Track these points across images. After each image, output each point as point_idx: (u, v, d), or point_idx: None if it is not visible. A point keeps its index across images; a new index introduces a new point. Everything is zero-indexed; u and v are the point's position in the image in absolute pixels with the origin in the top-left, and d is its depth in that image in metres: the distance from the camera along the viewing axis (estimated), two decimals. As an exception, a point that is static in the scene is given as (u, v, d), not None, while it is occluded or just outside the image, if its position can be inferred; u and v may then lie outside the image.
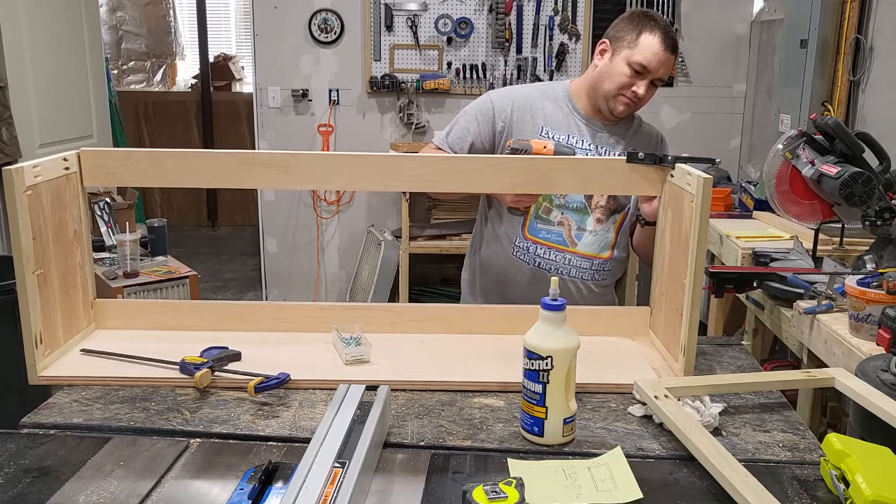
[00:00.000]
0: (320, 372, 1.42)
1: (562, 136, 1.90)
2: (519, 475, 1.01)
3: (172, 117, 6.94)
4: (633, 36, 1.83)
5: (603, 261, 1.93)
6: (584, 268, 1.91)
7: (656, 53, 1.81)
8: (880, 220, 2.07)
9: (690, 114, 4.35)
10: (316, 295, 4.63)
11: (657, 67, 1.82)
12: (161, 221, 3.46)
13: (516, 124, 1.90)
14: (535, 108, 1.91)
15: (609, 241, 1.93)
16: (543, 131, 1.90)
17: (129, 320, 1.62)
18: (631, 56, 1.82)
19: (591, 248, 1.91)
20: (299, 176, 1.53)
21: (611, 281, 1.98)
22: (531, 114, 1.91)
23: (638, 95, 1.84)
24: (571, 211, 1.90)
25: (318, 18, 4.29)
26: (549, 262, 1.90)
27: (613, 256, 1.94)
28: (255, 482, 1.02)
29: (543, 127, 1.90)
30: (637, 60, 1.81)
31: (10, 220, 1.33)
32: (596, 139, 1.91)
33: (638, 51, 1.82)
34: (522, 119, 1.90)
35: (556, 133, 1.90)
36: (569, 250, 1.90)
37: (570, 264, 1.91)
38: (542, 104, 1.93)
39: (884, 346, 1.53)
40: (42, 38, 3.90)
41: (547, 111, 1.92)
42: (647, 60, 1.81)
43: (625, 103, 1.86)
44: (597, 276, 1.93)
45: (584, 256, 1.91)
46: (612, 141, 1.92)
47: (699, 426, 1.17)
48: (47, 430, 1.22)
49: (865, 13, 3.01)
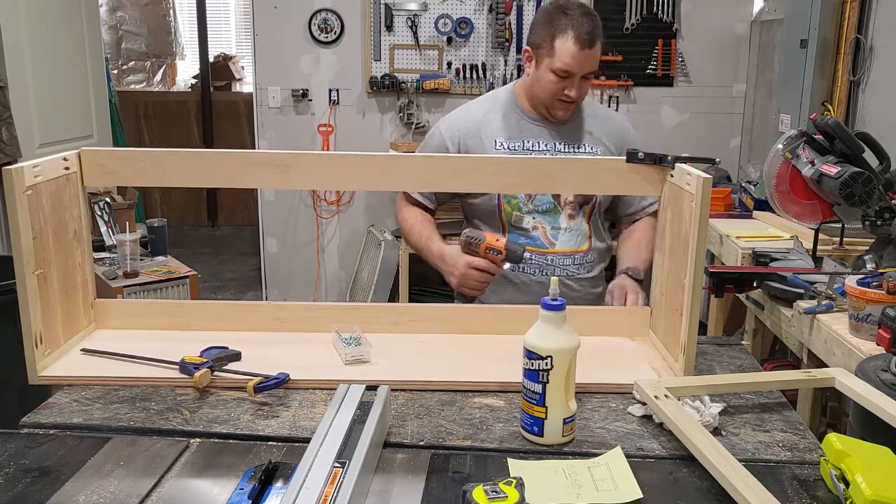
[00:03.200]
0: (320, 372, 1.42)
1: (517, 143, 1.92)
2: (519, 475, 1.01)
3: (172, 117, 6.94)
4: (548, 42, 1.83)
5: (583, 253, 1.95)
6: (566, 264, 1.93)
7: (574, 56, 1.80)
8: (880, 220, 2.07)
9: (690, 114, 4.35)
10: (316, 295, 4.63)
11: (580, 67, 1.82)
12: (161, 221, 3.46)
13: (469, 148, 1.92)
14: (482, 127, 1.94)
15: (584, 233, 1.95)
16: (497, 144, 1.92)
17: (129, 320, 1.62)
18: (552, 64, 1.82)
19: (569, 244, 1.93)
20: (299, 176, 1.53)
21: (597, 272, 1.99)
22: (479, 134, 1.93)
23: (571, 97, 1.85)
24: (541, 214, 1.92)
25: (318, 18, 4.29)
26: (533, 266, 1.92)
27: (592, 247, 1.96)
28: (255, 482, 1.02)
29: (496, 140, 1.92)
30: (558, 67, 1.81)
31: (10, 220, 1.33)
32: (553, 138, 1.93)
33: (557, 57, 1.81)
34: (472, 141, 1.93)
35: (511, 142, 1.92)
36: (549, 251, 1.93)
37: (553, 264, 1.93)
38: (490, 118, 1.95)
39: (884, 346, 1.53)
40: (42, 38, 3.90)
41: (495, 125, 1.94)
42: (566, 65, 1.81)
43: (562, 108, 1.88)
44: (581, 269, 1.95)
45: (564, 254, 1.93)
46: (566, 137, 1.94)
47: (699, 426, 1.17)
48: (47, 430, 1.22)
49: (865, 13, 3.01)
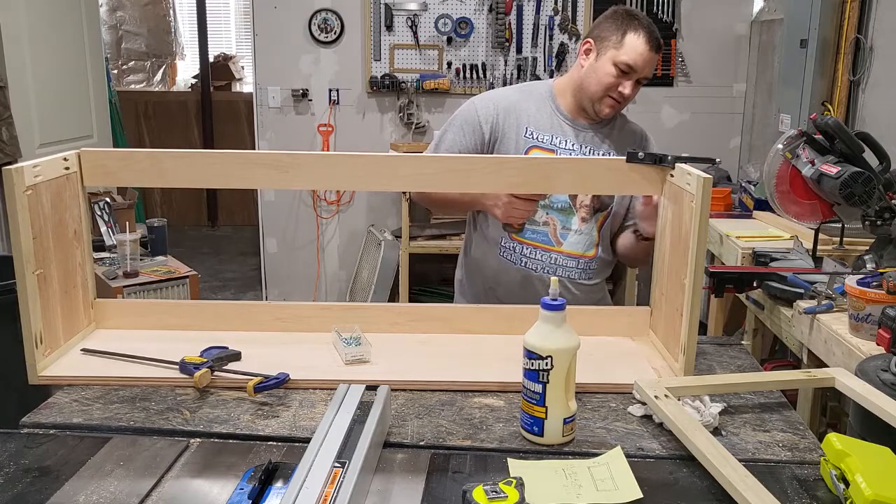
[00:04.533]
0: (320, 372, 1.42)
1: (545, 136, 1.90)
2: (519, 475, 1.01)
3: (172, 117, 6.94)
4: (618, 36, 1.83)
5: (588, 259, 1.94)
6: (570, 266, 1.92)
7: (642, 53, 1.81)
8: (880, 219, 2.07)
9: (690, 114, 4.35)
10: (316, 295, 4.63)
11: (643, 67, 1.83)
12: (161, 221, 3.46)
13: (502, 128, 1.90)
14: (518, 111, 1.92)
15: (593, 240, 1.94)
16: (528, 132, 1.90)
17: (129, 320, 1.62)
18: (617, 56, 1.82)
19: (577, 247, 1.92)
20: (299, 176, 1.53)
21: (598, 279, 1.99)
22: (515, 116, 1.91)
23: (624, 95, 1.85)
24: (556, 211, 1.91)
25: (318, 18, 4.29)
26: (536, 262, 1.91)
27: (598, 255, 1.95)
28: (255, 482, 1.02)
29: (528, 128, 1.91)
30: (623, 60, 1.81)
31: (10, 220, 1.33)
32: (580, 139, 1.92)
33: (624, 51, 1.82)
34: (507, 122, 1.91)
35: (540, 133, 1.90)
36: (555, 250, 1.91)
37: (557, 263, 1.92)
38: (525, 106, 1.93)
39: (884, 346, 1.53)
40: (42, 38, 3.90)
41: (530, 113, 1.92)
42: (633, 60, 1.81)
43: (610, 105, 1.87)
44: (583, 275, 1.94)
45: (569, 255, 1.92)
46: (597, 140, 1.93)
47: (699, 426, 1.17)
48: (47, 430, 1.22)
49: (865, 13, 3.01)
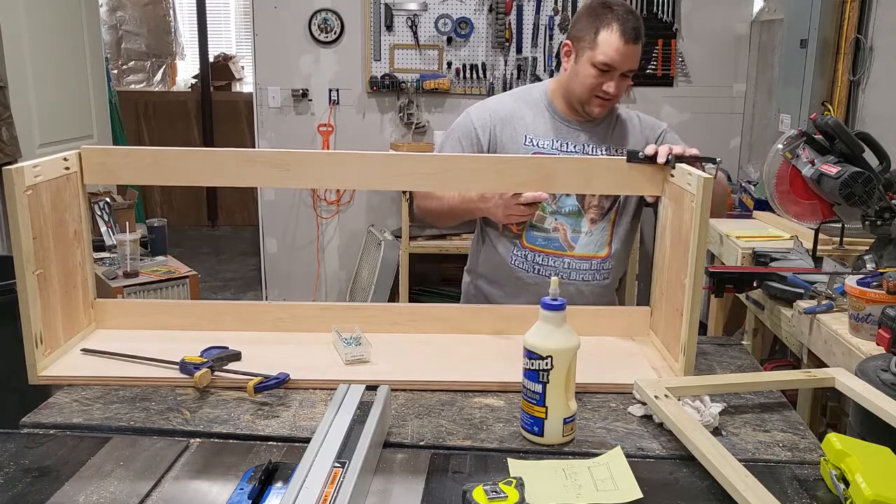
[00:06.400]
0: (320, 372, 1.42)
1: (547, 142, 1.89)
2: (519, 475, 1.01)
3: (172, 117, 6.94)
4: (591, 35, 1.79)
5: (602, 259, 1.92)
6: (583, 269, 1.90)
7: (618, 49, 1.76)
8: (880, 219, 2.07)
9: (690, 114, 4.35)
10: (316, 295, 4.63)
11: (622, 62, 1.78)
12: (161, 221, 3.46)
13: (499, 138, 1.89)
14: (515, 120, 1.90)
15: (605, 239, 1.92)
16: (527, 140, 1.88)
17: (129, 320, 1.62)
18: (594, 57, 1.78)
19: (588, 248, 1.90)
20: (299, 175, 1.53)
21: (612, 280, 1.96)
22: (512, 125, 1.89)
23: (609, 94, 1.81)
24: (565, 216, 1.90)
25: (318, 18, 4.29)
26: (549, 268, 1.90)
27: (612, 253, 1.93)
28: (255, 482, 1.02)
29: (526, 135, 1.89)
30: (600, 60, 1.77)
31: (10, 220, 1.33)
32: (580, 139, 1.90)
33: (599, 50, 1.77)
34: (504, 132, 1.89)
35: (540, 139, 1.89)
36: (567, 254, 1.90)
37: (570, 267, 1.90)
38: (521, 114, 1.91)
39: (884, 346, 1.53)
40: (42, 38, 3.90)
41: (527, 120, 1.90)
42: (609, 59, 1.77)
43: (599, 104, 1.84)
44: (597, 275, 1.92)
45: (582, 258, 1.90)
46: (597, 139, 1.91)
47: (699, 426, 1.17)
48: (47, 430, 1.22)
49: (865, 13, 3.01)
